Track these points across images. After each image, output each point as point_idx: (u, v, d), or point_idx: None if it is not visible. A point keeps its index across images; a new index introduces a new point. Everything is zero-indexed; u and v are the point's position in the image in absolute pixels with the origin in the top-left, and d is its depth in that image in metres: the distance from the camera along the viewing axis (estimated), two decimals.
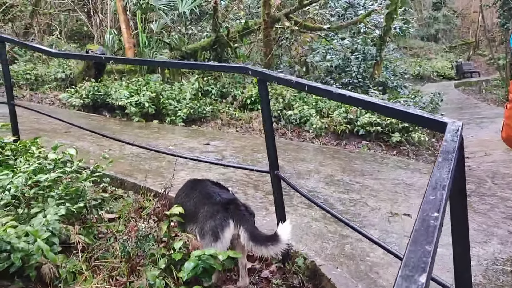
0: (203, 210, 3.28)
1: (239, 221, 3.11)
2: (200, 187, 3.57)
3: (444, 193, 1.34)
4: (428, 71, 33.12)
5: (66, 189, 3.72)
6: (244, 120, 9.36)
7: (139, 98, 9.14)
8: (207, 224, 3.20)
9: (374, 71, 10.89)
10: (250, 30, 11.24)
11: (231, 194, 3.43)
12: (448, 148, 1.86)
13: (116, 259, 3.21)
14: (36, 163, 3.82)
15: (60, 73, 11.83)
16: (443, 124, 2.14)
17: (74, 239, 3.46)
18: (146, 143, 6.92)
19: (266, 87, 3.55)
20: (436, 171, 1.62)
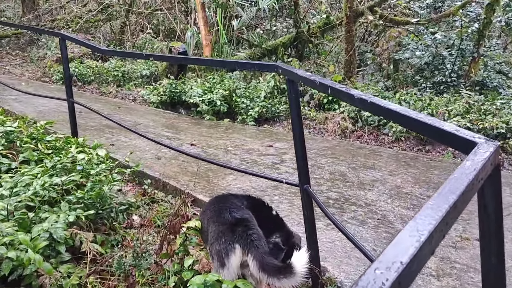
0: (211, 229, 2.91)
1: (247, 247, 2.68)
2: (219, 200, 3.20)
3: None
4: None
5: (87, 193, 3.55)
6: (319, 121, 8.81)
7: (212, 96, 9.01)
8: (213, 247, 2.82)
9: (470, 69, 9.70)
10: (332, 25, 10.62)
11: (245, 213, 2.98)
12: (459, 181, 1.30)
13: (114, 275, 2.96)
14: (59, 163, 3.69)
15: (145, 70, 12.16)
16: (469, 144, 1.58)
17: (85, 247, 3.27)
18: (207, 143, 6.72)
19: (296, 87, 3.08)
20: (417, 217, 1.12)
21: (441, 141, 1.81)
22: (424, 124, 1.79)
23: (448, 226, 1.15)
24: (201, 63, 7.86)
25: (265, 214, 3.43)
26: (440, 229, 1.09)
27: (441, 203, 1.18)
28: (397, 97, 8.95)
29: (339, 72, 10.29)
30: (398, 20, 10.18)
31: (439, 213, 1.13)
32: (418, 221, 1.09)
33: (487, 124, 7.45)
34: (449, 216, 1.15)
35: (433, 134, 1.77)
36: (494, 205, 1.50)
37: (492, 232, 1.51)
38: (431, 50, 10.16)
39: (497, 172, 1.53)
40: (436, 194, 1.22)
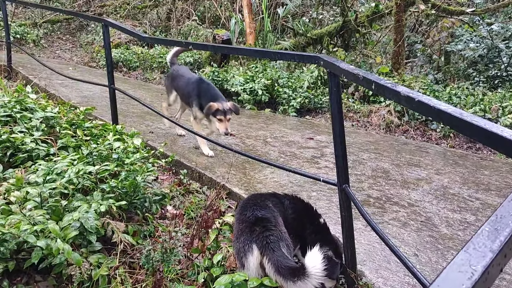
0: (234, 227, 2.81)
1: (263, 248, 2.57)
2: (250, 197, 3.08)
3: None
4: None
5: (121, 182, 3.50)
6: (363, 114, 8.52)
7: (254, 85, 8.87)
8: (234, 246, 2.72)
9: None
10: (381, 14, 10.19)
11: (268, 212, 2.84)
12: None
13: (142, 270, 2.89)
14: (95, 150, 3.67)
15: (189, 57, 12.16)
16: None
17: (117, 237, 3.23)
18: (246, 133, 6.61)
19: (338, 81, 2.89)
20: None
21: (499, 149, 1.60)
22: (479, 128, 1.59)
23: (507, 258, 0.97)
24: (239, 53, 7.70)
25: (310, 220, 3.28)
26: (497, 262, 0.91)
27: (499, 229, 0.99)
28: (447, 91, 8.52)
29: (386, 64, 9.90)
30: (451, 9, 9.65)
31: (497, 242, 0.94)
32: (471, 251, 0.91)
33: None
34: (509, 246, 0.96)
35: (489, 140, 1.57)
36: None
37: None
38: (486, 42, 9.60)
39: None
40: (493, 216, 1.04)
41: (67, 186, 3.27)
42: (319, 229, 3.23)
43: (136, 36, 5.03)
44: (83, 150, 3.74)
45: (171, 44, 7.43)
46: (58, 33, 16.75)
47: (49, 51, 14.30)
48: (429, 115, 1.97)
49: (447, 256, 3.54)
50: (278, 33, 11.25)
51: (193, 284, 2.96)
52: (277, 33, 11.46)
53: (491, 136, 1.55)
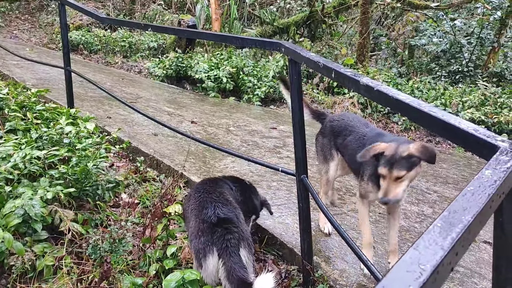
0: (192, 224, 2.70)
1: (221, 251, 2.48)
2: (205, 188, 2.96)
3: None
4: None
5: (71, 168, 3.33)
6: (327, 104, 8.52)
7: (218, 72, 8.72)
8: (192, 244, 2.61)
9: (489, 59, 9.30)
10: (347, 6, 10.21)
11: (230, 210, 2.77)
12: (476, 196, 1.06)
13: (89, 260, 2.76)
14: (46, 134, 3.47)
15: (153, 42, 11.87)
16: (490, 147, 1.33)
17: (64, 226, 3.07)
18: (208, 121, 6.48)
19: (299, 69, 2.81)
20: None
21: (456, 141, 1.55)
22: (437, 120, 1.54)
23: (458, 256, 0.91)
24: (199, 37, 7.48)
25: (254, 198, 3.41)
26: (448, 261, 0.85)
27: (451, 225, 0.93)
28: (410, 84, 8.63)
29: (351, 55, 9.93)
30: (417, 3, 9.76)
31: (448, 239, 0.88)
32: (421, 249, 0.84)
33: (502, 118, 7.13)
34: (461, 244, 0.90)
35: (447, 132, 1.51)
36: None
37: (509, 257, 1.26)
38: (449, 37, 9.76)
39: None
40: (445, 211, 0.97)
41: (12, 171, 3.08)
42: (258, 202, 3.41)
43: (94, 17, 4.81)
44: (32, 134, 3.54)
45: (130, 26, 7.21)
46: (16, 12, 16.04)
47: (6, 31, 13.67)
48: (388, 105, 1.91)
49: (403, 248, 3.54)
50: (245, 21, 11.10)
51: (144, 275, 2.84)
52: (244, 21, 11.32)
53: (448, 127, 1.49)
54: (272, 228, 3.59)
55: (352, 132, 3.26)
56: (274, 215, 3.83)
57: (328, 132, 3.55)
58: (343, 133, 3.35)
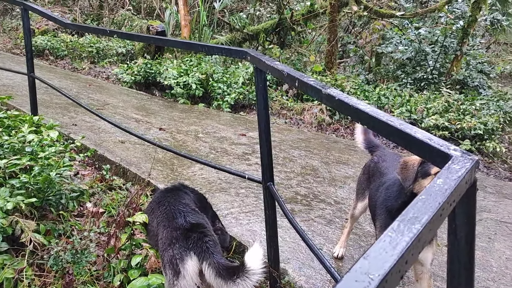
0: (162, 235, 2.67)
1: (202, 254, 2.46)
2: (169, 201, 2.94)
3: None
4: None
5: (33, 178, 3.25)
6: (296, 111, 8.59)
7: (188, 79, 8.68)
8: (165, 254, 2.56)
9: (452, 67, 9.57)
10: (316, 13, 10.34)
11: (200, 217, 2.77)
12: (427, 204, 1.09)
13: (51, 272, 2.69)
14: (7, 143, 3.39)
15: (122, 48, 11.74)
16: (443, 156, 1.37)
17: (26, 237, 2.99)
18: (177, 128, 6.44)
19: (265, 77, 2.83)
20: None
21: (412, 150, 1.59)
22: (394, 129, 1.57)
23: (408, 264, 0.93)
24: (165, 44, 7.40)
25: (208, 206, 3.40)
26: (397, 270, 0.87)
27: (401, 234, 0.95)
28: (376, 91, 8.79)
29: (320, 63, 10.06)
30: (383, 12, 9.97)
31: (398, 248, 0.90)
32: (370, 258, 0.86)
33: (465, 124, 7.33)
34: (411, 252, 0.93)
35: (403, 140, 1.55)
36: (466, 232, 1.29)
37: (462, 263, 1.30)
38: (414, 45, 9.99)
39: (473, 192, 1.32)
40: (396, 221, 1.00)
41: None
42: (213, 212, 3.38)
43: (58, 22, 4.73)
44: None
45: (95, 32, 7.11)
46: None
47: None
48: (348, 114, 1.94)
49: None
50: (215, 27, 11.10)
51: (109, 286, 2.80)
52: (214, 27, 11.32)
53: (404, 136, 1.53)
54: (240, 236, 3.59)
55: (379, 178, 3.06)
56: (242, 222, 3.84)
57: (367, 171, 3.40)
58: (375, 176, 3.16)
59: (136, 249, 3.18)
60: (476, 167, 1.30)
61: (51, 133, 3.68)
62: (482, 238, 4.21)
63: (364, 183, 3.36)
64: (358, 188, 3.49)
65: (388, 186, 2.79)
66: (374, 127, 1.72)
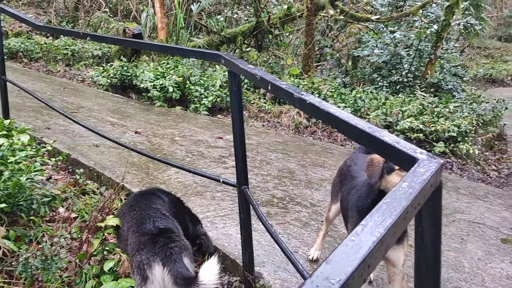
0: (131, 240, 2.65)
1: (164, 260, 2.45)
2: (139, 205, 2.91)
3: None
4: (502, 74, 30.50)
5: (3, 183, 3.18)
6: (274, 114, 8.61)
7: (164, 81, 8.62)
8: (134, 259, 2.55)
9: (427, 70, 9.74)
10: (292, 17, 10.40)
11: (170, 222, 2.76)
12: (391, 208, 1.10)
13: (20, 279, 2.64)
14: None
15: (97, 50, 11.60)
16: (410, 159, 1.38)
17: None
18: (153, 131, 6.39)
19: (239, 80, 2.83)
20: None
21: (380, 153, 1.61)
22: (363, 132, 1.58)
23: (370, 268, 0.93)
24: (139, 47, 7.30)
25: (186, 210, 3.44)
26: (359, 274, 0.87)
27: (365, 237, 0.96)
28: (353, 94, 8.87)
29: (297, 66, 10.11)
30: (358, 16, 10.08)
31: (361, 252, 0.91)
32: (333, 263, 0.86)
33: (439, 127, 7.46)
34: (374, 255, 0.93)
35: (372, 144, 1.57)
36: (432, 234, 1.30)
37: (429, 265, 1.32)
38: (389, 49, 10.14)
39: (438, 195, 1.33)
40: (360, 225, 1.01)
41: None
42: (191, 216, 3.40)
43: (30, 24, 4.65)
44: None
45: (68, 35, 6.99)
46: None
47: None
48: (319, 118, 1.96)
49: None
50: (192, 30, 11.06)
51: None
52: (191, 30, 11.28)
53: (373, 140, 1.54)
54: (215, 240, 3.57)
55: (350, 181, 3.04)
56: (218, 226, 3.83)
57: (340, 173, 3.39)
58: (347, 180, 3.14)
59: (109, 254, 3.14)
60: (441, 170, 1.32)
61: (22, 137, 3.62)
62: (455, 239, 4.28)
63: (338, 186, 3.36)
64: (332, 190, 3.50)
65: (358, 188, 2.81)
66: (344, 130, 1.73)
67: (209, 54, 3.10)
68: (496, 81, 29.50)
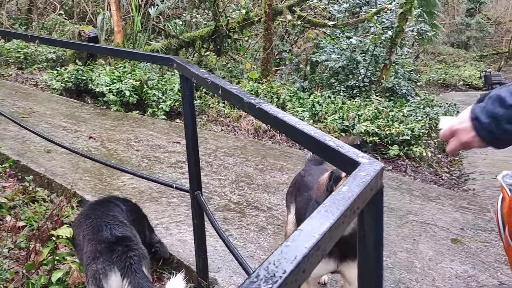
0: (86, 249, 2.56)
1: (124, 270, 2.38)
2: (96, 213, 2.83)
3: None
4: (455, 79, 31.70)
5: None
6: (233, 118, 8.61)
7: (121, 86, 8.45)
8: (89, 268, 2.45)
9: (382, 75, 10.00)
10: (251, 21, 10.45)
11: (128, 229, 2.69)
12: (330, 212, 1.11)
13: None
14: None
15: (51, 53, 11.27)
16: (352, 163, 1.40)
17: None
18: (108, 136, 6.25)
19: (191, 84, 2.80)
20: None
21: (325, 158, 1.62)
22: (309, 137, 1.60)
23: (306, 273, 0.94)
24: (89, 50, 7.13)
25: (144, 218, 3.34)
26: (293, 279, 0.87)
27: (301, 242, 0.96)
28: (311, 98, 8.98)
29: (256, 70, 10.15)
30: (316, 21, 10.23)
31: (298, 258, 0.91)
32: (262, 272, 0.86)
33: (393, 130, 7.65)
34: (309, 261, 0.93)
35: (318, 148, 1.58)
36: (374, 238, 1.32)
37: (371, 269, 1.33)
38: (346, 54, 10.33)
39: (379, 198, 1.35)
40: (297, 230, 1.01)
41: None
42: (149, 225, 3.34)
43: None
44: None
45: (14, 37, 6.76)
46: None
47: None
48: (268, 123, 1.95)
49: None
50: (150, 33, 10.92)
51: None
52: (149, 33, 11.14)
53: (318, 144, 1.56)
54: (170, 246, 3.52)
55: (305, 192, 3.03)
56: (173, 232, 3.78)
57: (293, 184, 3.37)
58: (301, 190, 3.12)
59: (59, 264, 3.04)
60: (381, 174, 1.34)
61: None
62: (408, 240, 4.38)
63: (292, 197, 3.32)
64: (287, 204, 3.46)
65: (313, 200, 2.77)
66: (292, 135, 1.74)
67: (161, 58, 3.06)
68: (449, 85, 30.61)
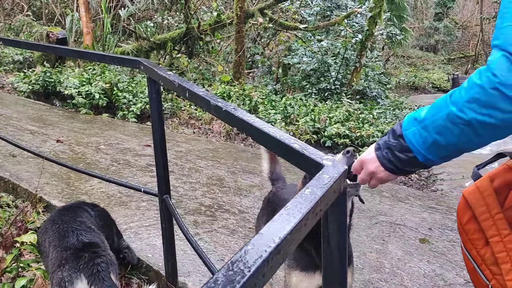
0: (52, 255, 2.49)
1: (92, 277, 2.32)
2: (62, 219, 2.76)
3: None
4: (424, 82, 32.41)
5: None
6: (205, 121, 8.57)
7: (90, 88, 8.31)
8: (55, 276, 2.38)
9: (352, 78, 10.13)
10: (223, 24, 10.43)
11: (95, 235, 2.64)
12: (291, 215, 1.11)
13: None
14: None
15: (18, 55, 11.00)
16: (317, 166, 1.40)
17: None
18: (76, 140, 6.13)
19: (158, 87, 2.77)
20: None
21: (291, 160, 1.62)
22: (275, 139, 1.60)
23: (266, 277, 0.93)
24: (55, 52, 6.94)
25: (113, 223, 3.31)
26: (252, 283, 0.86)
27: (263, 244, 0.95)
28: (283, 101, 9.02)
29: (228, 73, 10.13)
30: (287, 24, 10.29)
31: (258, 261, 0.90)
32: (222, 274, 0.85)
33: (364, 132, 7.75)
34: (270, 264, 0.93)
35: (283, 151, 1.58)
36: (338, 240, 1.33)
37: (335, 271, 1.34)
38: (317, 57, 10.42)
39: (342, 200, 1.36)
40: (259, 233, 1.00)
41: None
42: (118, 230, 3.32)
43: None
44: None
45: None
46: None
47: None
48: (235, 126, 1.95)
49: None
50: (120, 35, 10.78)
51: None
52: (119, 35, 10.99)
53: (283, 146, 1.56)
54: (139, 251, 3.47)
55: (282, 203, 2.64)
56: (142, 237, 3.72)
57: (266, 205, 3.04)
58: (276, 204, 2.82)
59: (24, 271, 2.95)
60: (345, 176, 1.35)
61: None
62: (377, 240, 4.43)
63: (265, 218, 2.95)
64: (256, 225, 3.14)
65: None
66: (258, 138, 1.73)
67: (128, 60, 3.02)
68: (418, 88, 31.27)
